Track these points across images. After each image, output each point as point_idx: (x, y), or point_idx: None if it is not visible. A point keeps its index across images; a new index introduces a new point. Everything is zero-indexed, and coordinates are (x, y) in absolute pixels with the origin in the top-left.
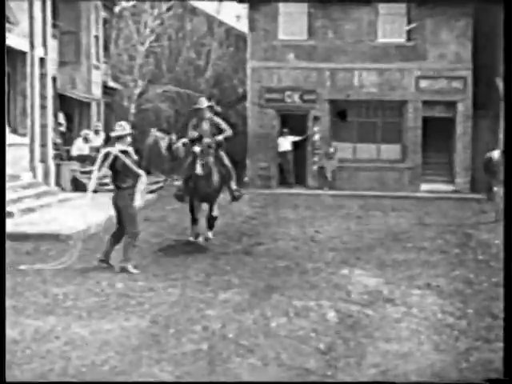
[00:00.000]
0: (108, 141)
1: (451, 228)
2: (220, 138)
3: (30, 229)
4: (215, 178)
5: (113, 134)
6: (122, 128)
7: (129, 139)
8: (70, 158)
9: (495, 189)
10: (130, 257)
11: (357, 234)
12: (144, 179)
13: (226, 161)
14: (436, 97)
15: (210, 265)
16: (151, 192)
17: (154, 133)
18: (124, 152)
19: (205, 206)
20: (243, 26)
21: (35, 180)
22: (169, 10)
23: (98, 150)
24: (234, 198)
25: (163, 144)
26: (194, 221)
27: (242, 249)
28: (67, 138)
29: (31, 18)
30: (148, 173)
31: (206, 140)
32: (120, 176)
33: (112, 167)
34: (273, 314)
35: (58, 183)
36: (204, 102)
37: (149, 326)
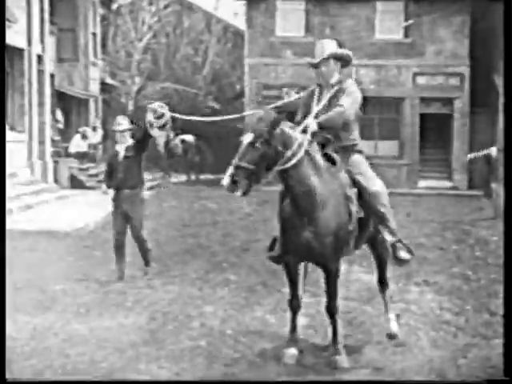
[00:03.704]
0: (106, 137)
1: (449, 225)
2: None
3: (28, 226)
4: (325, 213)
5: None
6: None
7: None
8: (68, 155)
9: (493, 185)
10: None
11: None
12: None
13: (368, 181)
14: (433, 93)
15: (208, 261)
16: (149, 189)
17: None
18: None
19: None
20: (241, 23)
21: (33, 177)
22: (166, 6)
23: (95, 146)
24: (400, 261)
25: (161, 141)
26: (292, 308)
27: (239, 246)
28: (65, 134)
29: (29, 15)
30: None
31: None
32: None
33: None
34: (271, 311)
35: (55, 180)
36: (326, 46)
37: (147, 322)
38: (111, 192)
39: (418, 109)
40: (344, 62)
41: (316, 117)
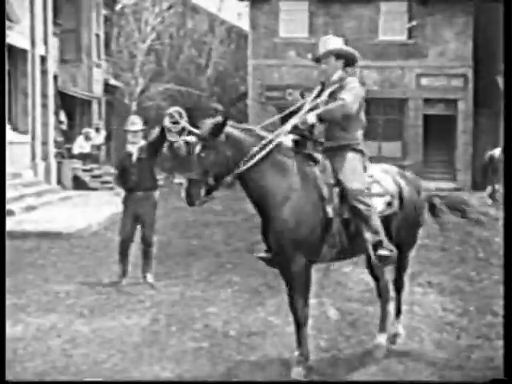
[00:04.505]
0: (109, 138)
1: (452, 225)
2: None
3: (32, 227)
4: (284, 215)
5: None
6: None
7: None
8: (72, 156)
9: (496, 186)
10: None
11: None
12: None
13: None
14: (437, 94)
15: (212, 263)
16: None
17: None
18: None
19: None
20: (244, 24)
21: (36, 178)
22: (170, 7)
23: (98, 147)
24: (381, 258)
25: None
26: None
27: (243, 247)
28: (68, 135)
29: (32, 15)
30: None
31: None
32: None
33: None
34: (274, 312)
35: (59, 181)
36: (328, 42)
37: (150, 324)
38: (122, 193)
39: (422, 110)
40: (348, 60)
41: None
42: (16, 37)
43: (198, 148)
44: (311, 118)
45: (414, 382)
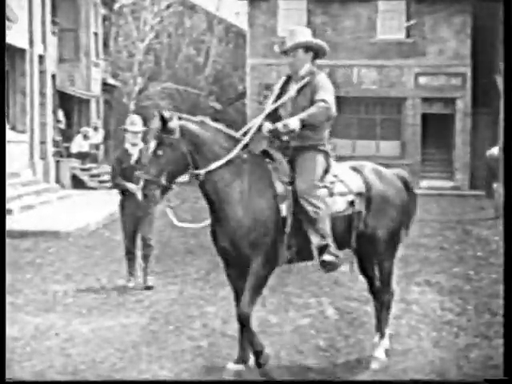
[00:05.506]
0: (107, 138)
1: (450, 224)
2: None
3: (30, 226)
4: (236, 213)
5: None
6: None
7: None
8: (70, 155)
9: (494, 185)
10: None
11: None
12: None
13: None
14: (435, 93)
15: (210, 261)
16: None
17: None
18: None
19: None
20: (243, 23)
21: (35, 177)
22: (168, 7)
23: (97, 147)
24: (324, 264)
25: None
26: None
27: None
28: (66, 135)
29: (30, 15)
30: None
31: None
32: None
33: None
34: (272, 311)
35: (57, 180)
36: (295, 34)
37: (148, 323)
38: (116, 193)
39: (420, 109)
40: (317, 53)
41: (274, 113)
42: (14, 36)
43: (152, 146)
44: (294, 122)
45: (413, 381)
